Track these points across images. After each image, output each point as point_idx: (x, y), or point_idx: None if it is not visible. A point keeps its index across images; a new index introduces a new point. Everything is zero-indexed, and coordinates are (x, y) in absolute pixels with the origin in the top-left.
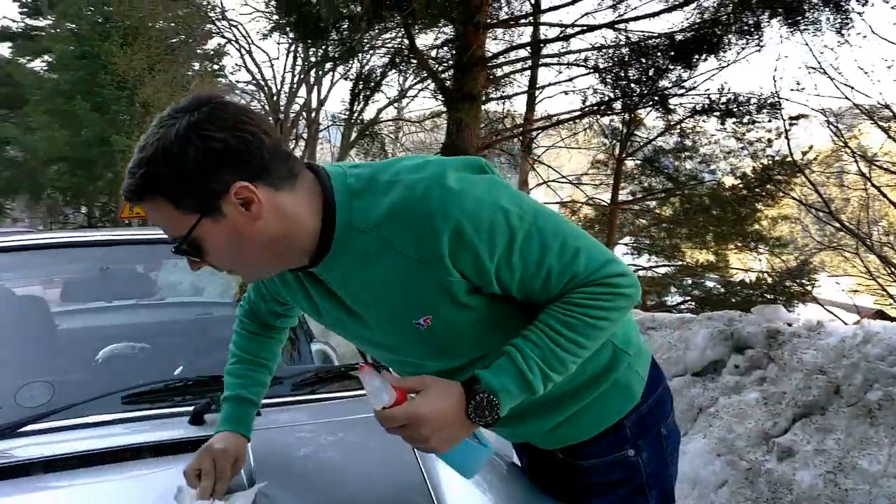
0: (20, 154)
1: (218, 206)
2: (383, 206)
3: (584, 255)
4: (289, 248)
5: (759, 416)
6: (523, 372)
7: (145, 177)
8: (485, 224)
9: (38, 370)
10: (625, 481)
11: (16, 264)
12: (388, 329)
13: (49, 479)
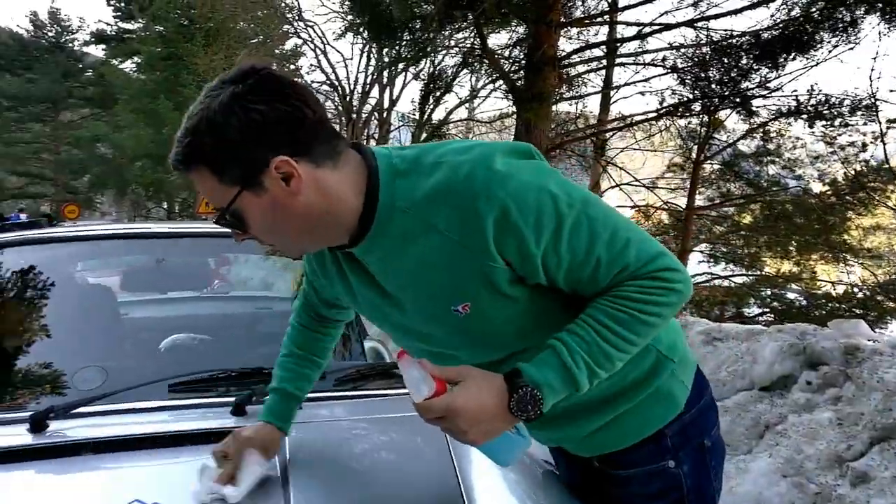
0: (109, 151)
1: (259, 179)
2: (427, 186)
3: (634, 246)
4: (330, 224)
5: (831, 437)
6: (568, 366)
7: (190, 146)
8: (531, 208)
9: (98, 355)
10: (664, 493)
11: (90, 253)
12: (426, 315)
13: (96, 460)
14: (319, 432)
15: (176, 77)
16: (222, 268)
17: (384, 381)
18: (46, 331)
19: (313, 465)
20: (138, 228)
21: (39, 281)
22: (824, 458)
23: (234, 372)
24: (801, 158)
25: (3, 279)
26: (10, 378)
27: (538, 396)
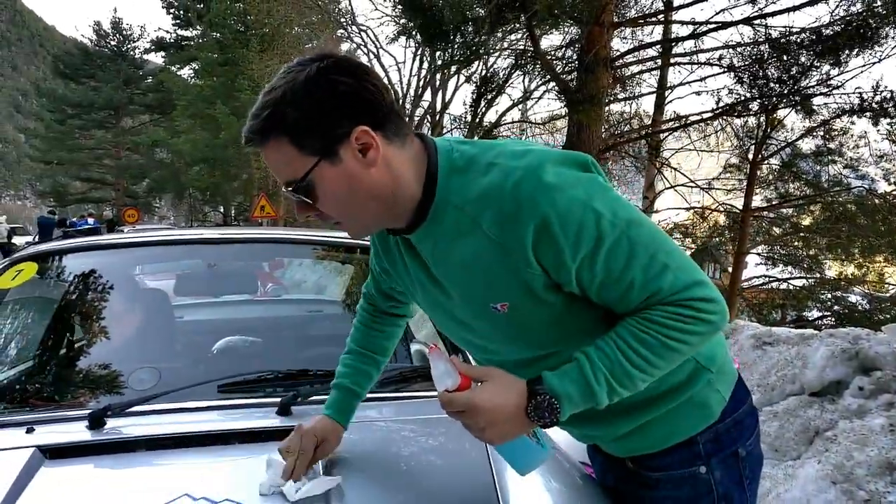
0: (167, 156)
1: (337, 150)
2: (479, 186)
3: (672, 272)
4: (392, 205)
5: (883, 443)
6: (589, 382)
7: (272, 117)
8: (573, 223)
9: (152, 357)
10: (694, 499)
11: (147, 258)
12: (468, 308)
13: (149, 456)
14: (361, 432)
15: (232, 82)
16: (276, 271)
17: (428, 382)
18: (105, 333)
19: (354, 464)
20: (192, 234)
21: (98, 286)
22: (875, 464)
23: (280, 373)
24: (864, 157)
25: (65, 284)
26: (70, 378)
27: (556, 405)
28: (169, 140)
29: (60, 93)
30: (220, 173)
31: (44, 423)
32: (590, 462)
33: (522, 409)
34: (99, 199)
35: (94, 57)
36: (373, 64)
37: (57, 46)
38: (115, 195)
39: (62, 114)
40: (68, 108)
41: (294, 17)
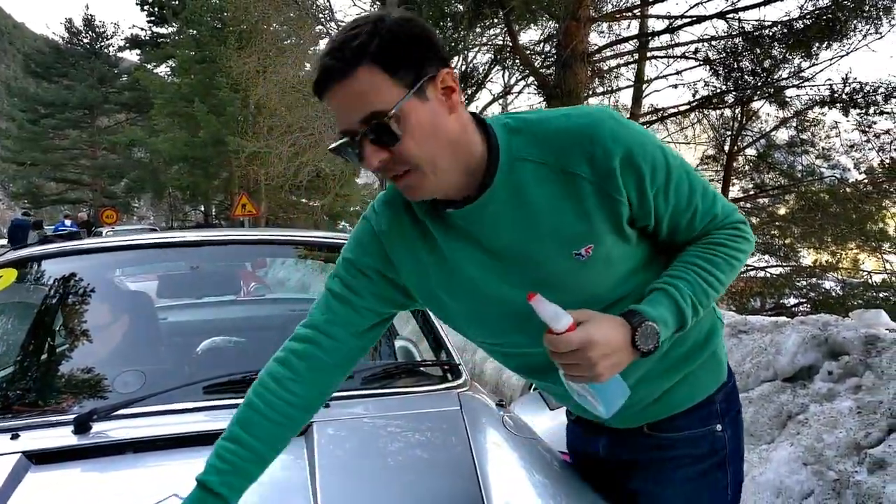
0: (145, 155)
1: (425, 87)
2: (551, 136)
3: (720, 200)
4: (462, 156)
5: (851, 425)
6: (679, 305)
7: (364, 46)
8: (649, 154)
9: (137, 359)
10: (709, 455)
11: (127, 261)
12: (540, 265)
13: (136, 458)
14: (346, 429)
15: (210, 80)
16: (259, 270)
17: (411, 378)
18: (88, 337)
19: (340, 460)
20: (173, 237)
21: (79, 291)
22: (843, 445)
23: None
24: (836, 148)
25: (47, 289)
26: (55, 383)
27: (657, 331)
28: (147, 139)
29: (32, 92)
30: (199, 172)
31: (29, 428)
32: (569, 452)
33: (629, 339)
34: (76, 200)
35: (66, 55)
36: None
37: (28, 44)
38: (93, 196)
39: (35, 113)
40: (41, 108)
41: (272, 13)
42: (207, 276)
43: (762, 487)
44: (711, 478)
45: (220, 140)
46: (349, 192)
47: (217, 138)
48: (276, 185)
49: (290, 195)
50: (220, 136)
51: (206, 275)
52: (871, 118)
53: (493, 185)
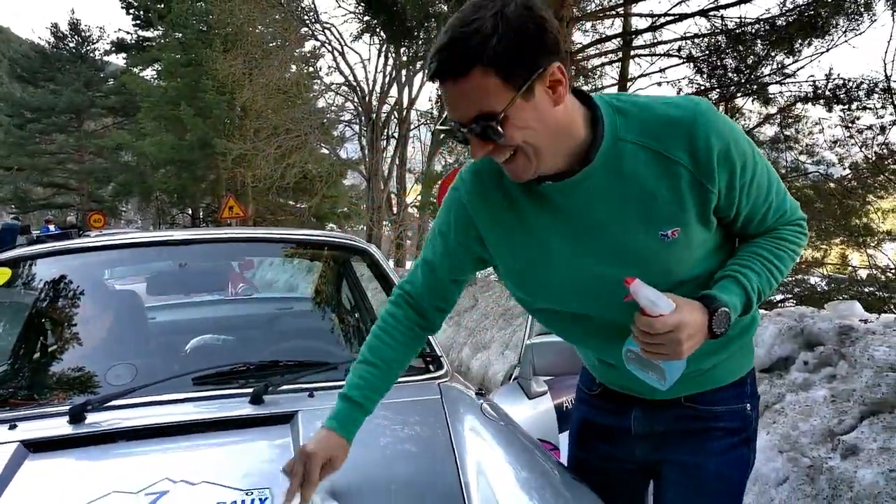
0: (133, 159)
1: (533, 86)
2: (657, 121)
3: (788, 198)
4: (565, 142)
5: (825, 413)
6: (748, 292)
7: (479, 49)
8: (742, 150)
9: (128, 354)
10: (740, 431)
11: (117, 261)
12: (625, 241)
13: (128, 446)
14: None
15: (196, 83)
16: (246, 272)
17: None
18: (81, 333)
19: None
20: (161, 236)
21: (71, 288)
22: (818, 433)
23: (251, 365)
24: (819, 144)
25: (39, 288)
26: (49, 376)
27: (729, 315)
28: (133, 143)
29: (19, 96)
30: (186, 175)
31: (26, 419)
32: (554, 442)
33: (706, 322)
34: (63, 205)
35: (52, 59)
36: (337, 62)
37: (13, 49)
38: (80, 200)
39: (21, 118)
40: (27, 112)
41: (257, 15)
42: (196, 274)
43: None
44: (740, 451)
45: (207, 143)
46: (336, 193)
47: (204, 141)
48: (262, 187)
49: (277, 197)
50: (207, 138)
51: (194, 272)
52: (853, 113)
53: (594, 161)
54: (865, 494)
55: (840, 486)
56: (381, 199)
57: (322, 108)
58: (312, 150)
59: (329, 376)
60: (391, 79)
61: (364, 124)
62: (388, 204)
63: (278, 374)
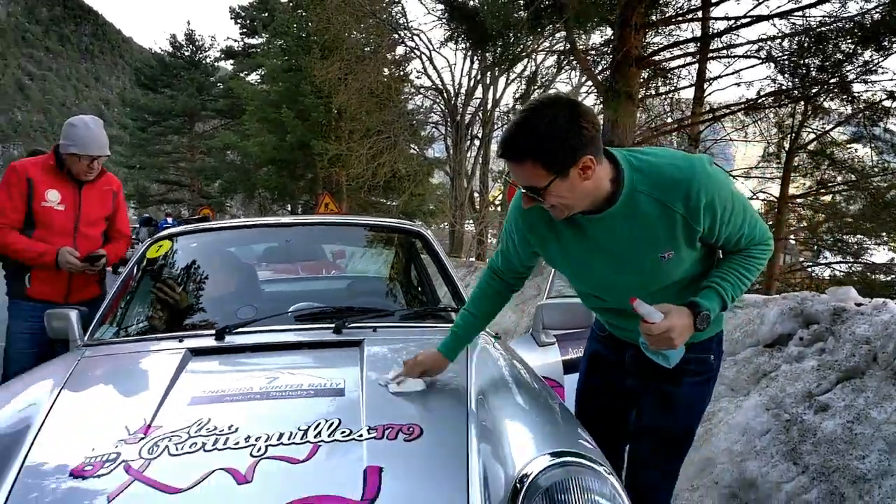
0: (238, 158)
1: (569, 171)
2: (661, 178)
3: (758, 227)
4: (591, 198)
5: (809, 379)
6: (724, 298)
7: (533, 148)
8: (723, 200)
9: (251, 300)
10: (703, 372)
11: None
12: (634, 260)
13: (252, 356)
14: (384, 347)
15: (296, 87)
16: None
17: (434, 318)
18: (219, 285)
19: (377, 365)
20: (272, 219)
21: (210, 254)
22: (800, 395)
23: (334, 308)
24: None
25: (189, 254)
26: (202, 311)
27: (709, 316)
28: (239, 143)
29: (142, 102)
30: (286, 174)
31: (188, 337)
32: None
33: (692, 322)
34: (176, 200)
35: (170, 67)
36: (426, 66)
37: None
38: (191, 196)
39: (143, 121)
40: (148, 116)
41: (352, 23)
42: (299, 248)
43: (732, 428)
44: (704, 388)
45: (306, 144)
46: (423, 191)
47: (303, 142)
48: (356, 185)
49: (368, 195)
50: (306, 139)
51: (296, 247)
52: None
53: (616, 205)
54: (824, 439)
55: (806, 434)
56: (464, 197)
57: (411, 110)
58: (402, 150)
59: (386, 320)
60: (476, 81)
61: (450, 125)
62: (471, 202)
63: (352, 317)
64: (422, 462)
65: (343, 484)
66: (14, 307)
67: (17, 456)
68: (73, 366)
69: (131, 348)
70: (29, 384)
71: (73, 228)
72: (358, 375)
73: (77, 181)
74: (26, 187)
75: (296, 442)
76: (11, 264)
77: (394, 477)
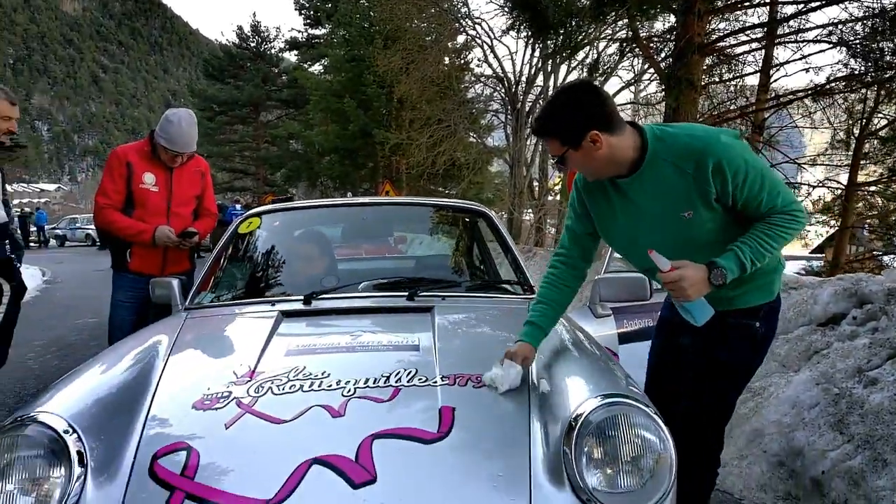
0: (301, 147)
1: (581, 143)
2: (678, 147)
3: (781, 195)
4: (613, 165)
5: (860, 356)
6: (742, 260)
7: (551, 126)
8: (734, 165)
9: (332, 271)
10: (747, 338)
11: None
12: (662, 220)
13: (335, 318)
14: (455, 313)
15: (359, 77)
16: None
17: (500, 290)
18: (306, 257)
19: (448, 330)
20: (348, 201)
21: (297, 229)
22: (850, 370)
23: (408, 279)
24: None
25: (275, 230)
26: (291, 280)
27: (725, 273)
28: (303, 132)
29: (209, 92)
30: (349, 162)
31: (279, 301)
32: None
33: (706, 277)
34: (241, 188)
35: (236, 58)
36: (486, 55)
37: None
38: (255, 184)
39: (211, 112)
40: (215, 106)
41: (414, 12)
42: (371, 226)
43: (782, 402)
44: (746, 353)
45: (368, 132)
46: (482, 179)
47: (365, 131)
48: (415, 173)
49: (428, 183)
50: (368, 128)
51: (370, 225)
52: None
53: (640, 170)
54: (871, 411)
55: (854, 406)
56: (523, 184)
57: (471, 98)
58: (461, 138)
59: (453, 290)
60: (537, 69)
61: (510, 113)
62: (530, 189)
63: (423, 286)
64: (489, 405)
65: (421, 420)
66: (117, 279)
67: (147, 393)
68: (180, 325)
69: (228, 311)
70: (147, 339)
71: (166, 208)
72: (430, 335)
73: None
74: (126, 171)
75: (379, 386)
76: (115, 241)
77: (465, 416)
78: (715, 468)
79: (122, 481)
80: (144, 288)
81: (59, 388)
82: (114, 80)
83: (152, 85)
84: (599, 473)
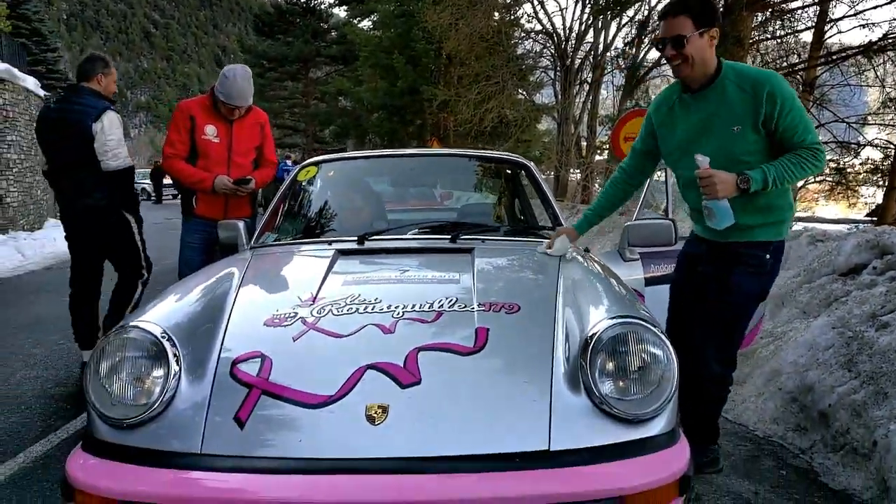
0: (350, 104)
1: (705, 32)
2: (745, 71)
3: (811, 133)
4: (702, 67)
5: (876, 302)
6: (767, 175)
7: (686, 6)
8: (783, 98)
9: (383, 216)
10: (756, 266)
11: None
12: (716, 130)
13: (386, 257)
14: (492, 254)
15: (408, 33)
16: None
17: (534, 234)
18: (359, 203)
19: (486, 268)
20: (398, 152)
21: (351, 179)
22: (865, 315)
23: (452, 223)
24: None
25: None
26: (346, 223)
27: (750, 182)
28: (352, 89)
29: (259, 49)
30: (397, 119)
31: (336, 242)
32: (640, 290)
33: (735, 180)
34: (291, 145)
35: (286, 14)
36: (536, 10)
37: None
38: (305, 141)
39: (261, 68)
40: (265, 62)
41: None
42: (420, 176)
43: (800, 345)
44: (756, 280)
45: (416, 89)
46: (529, 137)
47: (413, 88)
48: (463, 131)
49: (475, 141)
50: (416, 85)
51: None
52: None
53: (712, 86)
54: (878, 351)
55: (864, 348)
56: (571, 142)
57: (520, 55)
58: (509, 95)
59: (492, 234)
60: (587, 25)
61: (559, 70)
62: (578, 147)
63: (465, 230)
64: (519, 326)
65: (461, 337)
66: (186, 223)
67: (224, 313)
68: (248, 260)
69: (290, 249)
70: (220, 270)
71: (227, 158)
72: (470, 271)
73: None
74: (189, 123)
75: (425, 310)
76: (183, 189)
77: (497, 335)
78: (726, 386)
79: (208, 380)
80: (210, 231)
81: (151, 306)
82: (164, 35)
83: (202, 41)
84: (611, 383)
